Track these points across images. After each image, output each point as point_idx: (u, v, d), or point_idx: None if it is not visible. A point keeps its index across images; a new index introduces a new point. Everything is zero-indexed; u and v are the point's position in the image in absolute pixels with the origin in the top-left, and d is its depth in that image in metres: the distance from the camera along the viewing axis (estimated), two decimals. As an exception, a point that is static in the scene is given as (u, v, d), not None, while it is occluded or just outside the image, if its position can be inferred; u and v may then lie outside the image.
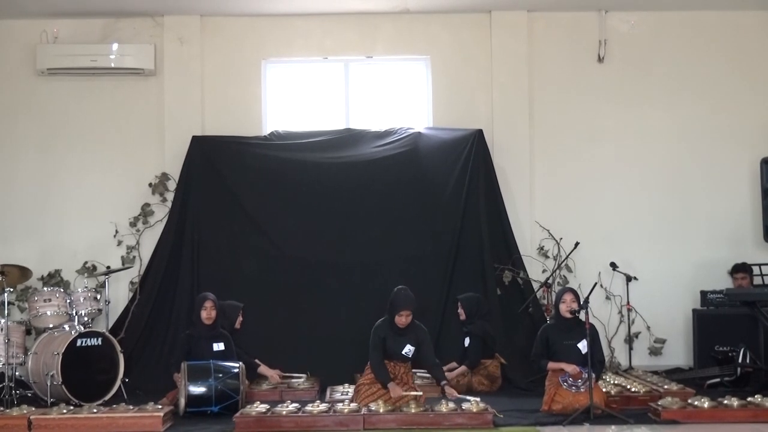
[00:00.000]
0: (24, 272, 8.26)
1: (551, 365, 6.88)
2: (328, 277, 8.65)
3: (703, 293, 8.88)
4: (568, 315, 6.97)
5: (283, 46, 9.62)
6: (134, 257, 9.29)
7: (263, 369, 8.00)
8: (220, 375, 7.02)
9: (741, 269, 8.87)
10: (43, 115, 9.49)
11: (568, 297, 7.03)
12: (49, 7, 9.19)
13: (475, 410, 6.43)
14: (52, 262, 9.22)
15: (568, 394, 6.70)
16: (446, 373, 8.00)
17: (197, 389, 6.93)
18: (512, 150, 9.37)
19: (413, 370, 7.48)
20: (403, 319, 7.08)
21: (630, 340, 9.08)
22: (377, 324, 7.19)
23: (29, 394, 7.79)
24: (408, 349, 7.11)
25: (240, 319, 8.14)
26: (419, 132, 9.35)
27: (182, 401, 6.95)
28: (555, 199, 9.48)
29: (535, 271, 9.18)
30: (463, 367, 8.10)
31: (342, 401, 6.89)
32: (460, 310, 8.29)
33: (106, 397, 7.62)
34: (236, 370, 7.14)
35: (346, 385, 7.87)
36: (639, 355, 9.13)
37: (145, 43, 9.41)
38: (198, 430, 6.47)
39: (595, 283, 7.56)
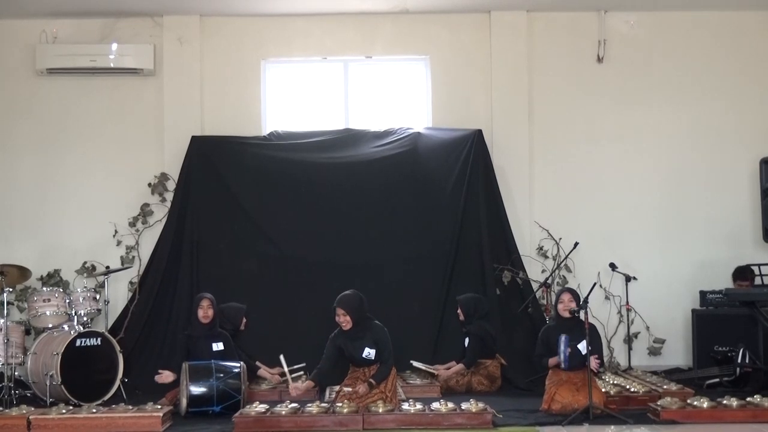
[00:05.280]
0: (23, 272, 8.26)
1: (551, 361, 6.90)
2: (327, 277, 8.63)
3: (703, 293, 8.86)
4: (567, 315, 6.97)
5: (282, 46, 9.62)
6: (133, 257, 9.29)
7: (263, 372, 7.98)
8: (222, 375, 7.02)
9: (743, 276, 8.81)
10: (42, 115, 9.49)
11: (565, 297, 7.03)
12: (49, 7, 9.19)
13: (474, 410, 6.42)
14: (52, 262, 9.22)
15: (567, 394, 6.70)
16: (443, 371, 8.05)
17: (199, 389, 6.93)
18: (512, 150, 9.38)
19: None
20: (339, 318, 6.99)
21: (629, 340, 9.08)
22: (333, 333, 7.12)
23: (28, 394, 7.80)
24: (367, 353, 6.98)
25: (244, 320, 8.13)
26: (419, 132, 9.35)
27: (184, 401, 6.95)
28: (554, 199, 9.48)
29: (535, 271, 9.18)
30: (460, 366, 8.11)
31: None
32: (459, 311, 8.30)
33: (106, 397, 7.62)
34: (237, 370, 7.13)
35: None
36: (638, 355, 9.13)
37: (144, 43, 9.41)
38: (197, 430, 6.46)
39: (595, 283, 7.54)
